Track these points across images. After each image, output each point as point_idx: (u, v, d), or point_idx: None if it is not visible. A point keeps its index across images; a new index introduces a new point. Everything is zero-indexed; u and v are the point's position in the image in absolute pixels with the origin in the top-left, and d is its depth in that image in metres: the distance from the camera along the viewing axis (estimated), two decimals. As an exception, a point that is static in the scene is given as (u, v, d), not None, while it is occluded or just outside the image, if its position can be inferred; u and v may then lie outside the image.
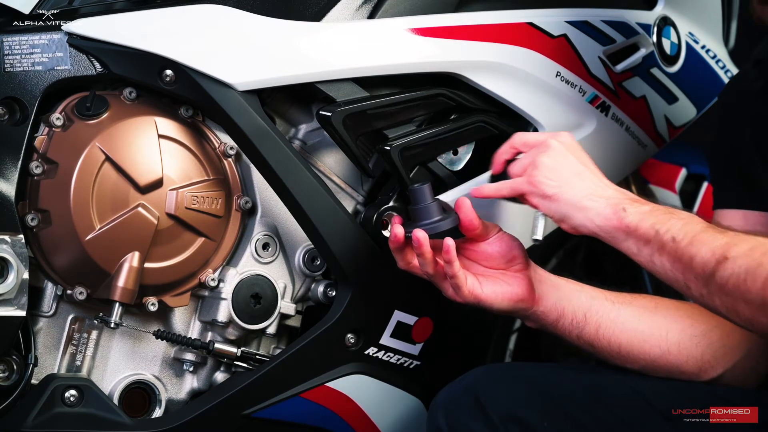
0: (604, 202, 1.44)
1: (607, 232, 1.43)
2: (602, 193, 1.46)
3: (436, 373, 1.74)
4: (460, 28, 1.71)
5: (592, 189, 1.47)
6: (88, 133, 1.57)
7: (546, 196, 1.48)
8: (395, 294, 1.71)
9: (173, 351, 1.68)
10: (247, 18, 1.60)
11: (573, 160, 1.50)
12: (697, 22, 2.02)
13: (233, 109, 1.59)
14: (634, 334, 1.55)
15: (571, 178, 1.48)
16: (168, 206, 1.60)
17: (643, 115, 1.92)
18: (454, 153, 1.74)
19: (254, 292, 1.66)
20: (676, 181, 2.22)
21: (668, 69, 1.94)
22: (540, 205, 1.50)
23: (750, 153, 1.61)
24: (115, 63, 1.58)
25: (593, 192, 1.46)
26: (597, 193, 1.46)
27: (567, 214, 1.47)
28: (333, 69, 1.64)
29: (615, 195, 1.45)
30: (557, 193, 1.47)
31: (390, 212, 1.69)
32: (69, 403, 1.58)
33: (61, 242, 1.57)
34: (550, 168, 1.49)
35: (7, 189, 1.54)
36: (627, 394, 1.48)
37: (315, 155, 1.72)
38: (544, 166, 1.49)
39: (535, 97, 1.76)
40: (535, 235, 1.55)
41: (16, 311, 1.54)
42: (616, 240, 1.43)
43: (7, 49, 1.56)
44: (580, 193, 1.46)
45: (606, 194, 1.46)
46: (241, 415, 1.64)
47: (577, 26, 1.80)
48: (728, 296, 1.32)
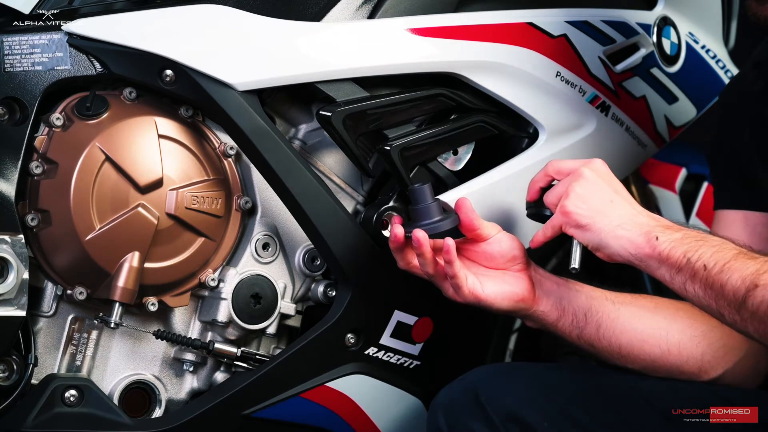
0: (637, 230, 1.43)
1: (641, 260, 1.42)
2: (635, 220, 1.45)
3: (436, 373, 1.74)
4: (459, 28, 1.71)
5: (624, 217, 1.45)
6: (88, 133, 1.57)
7: (580, 226, 1.47)
8: (395, 294, 1.71)
9: (173, 351, 1.68)
10: (247, 18, 1.60)
11: (605, 187, 1.49)
12: (697, 22, 2.02)
13: (233, 109, 1.59)
14: (635, 334, 1.55)
15: (603, 207, 1.47)
16: (168, 206, 1.60)
17: (643, 115, 1.91)
18: (454, 153, 1.74)
19: (254, 292, 1.66)
20: (676, 181, 2.22)
21: (668, 69, 1.94)
22: (575, 235, 1.48)
23: (750, 154, 1.62)
24: (115, 63, 1.58)
25: (626, 220, 1.45)
26: (630, 221, 1.45)
27: (601, 243, 1.45)
28: (333, 69, 1.64)
29: (647, 222, 1.44)
30: (590, 223, 1.46)
31: (390, 212, 1.69)
32: (69, 403, 1.58)
33: (61, 242, 1.57)
34: (582, 197, 1.48)
35: (7, 189, 1.53)
36: (627, 394, 1.48)
37: (315, 155, 1.72)
38: (576, 195, 1.48)
39: (535, 97, 1.76)
40: (573, 264, 1.51)
41: (16, 311, 1.54)
42: (650, 268, 1.42)
43: (7, 49, 1.56)
44: (614, 222, 1.45)
45: (639, 221, 1.45)
46: (241, 415, 1.64)
47: (577, 26, 1.80)
48: (761, 323, 1.32)
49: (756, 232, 1.62)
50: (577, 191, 1.48)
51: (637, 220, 1.45)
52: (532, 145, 1.78)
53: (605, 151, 1.86)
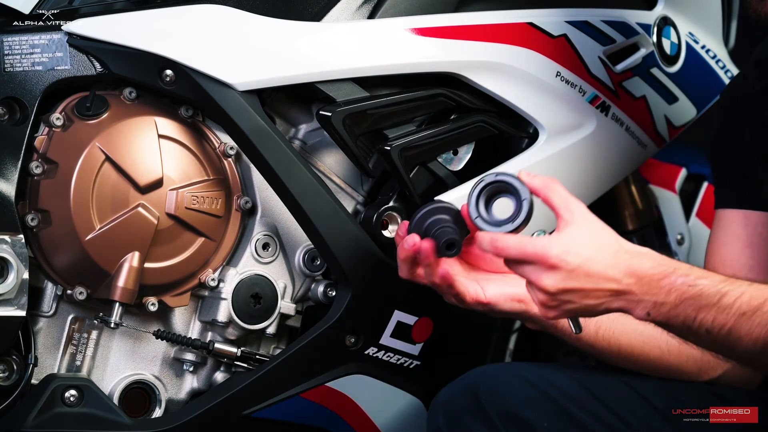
0: (626, 305, 1.35)
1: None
2: (620, 298, 1.35)
3: (436, 373, 1.74)
4: (460, 28, 1.71)
5: (606, 297, 1.36)
6: (88, 133, 1.57)
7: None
8: (395, 294, 1.71)
9: (173, 351, 1.68)
10: (247, 18, 1.60)
11: (580, 269, 1.35)
12: (697, 22, 2.02)
13: (233, 109, 1.59)
14: (634, 335, 1.55)
15: (583, 296, 1.36)
16: (168, 206, 1.60)
17: (643, 115, 1.91)
18: (454, 153, 1.74)
19: (254, 292, 1.66)
20: (676, 181, 2.22)
21: (668, 69, 1.94)
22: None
23: (750, 154, 1.62)
24: (115, 63, 1.58)
25: (608, 300, 1.36)
26: (614, 299, 1.36)
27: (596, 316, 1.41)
28: (333, 69, 1.64)
29: (639, 292, 1.34)
30: (576, 313, 1.38)
31: (390, 212, 1.69)
32: (69, 403, 1.58)
33: (61, 242, 1.57)
34: (557, 294, 1.36)
35: (7, 189, 1.54)
36: (627, 394, 1.48)
37: (315, 155, 1.72)
38: (548, 296, 1.36)
39: (535, 97, 1.76)
40: (575, 331, 1.43)
41: (16, 311, 1.54)
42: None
43: (7, 49, 1.56)
44: (600, 301, 1.36)
45: (624, 299, 1.35)
46: (241, 415, 1.64)
47: (577, 26, 1.80)
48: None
49: (756, 232, 1.62)
50: (548, 289, 1.35)
51: (620, 298, 1.35)
52: (532, 145, 1.78)
53: (605, 151, 1.86)
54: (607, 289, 1.34)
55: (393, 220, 1.70)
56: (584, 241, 1.35)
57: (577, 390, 1.46)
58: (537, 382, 1.47)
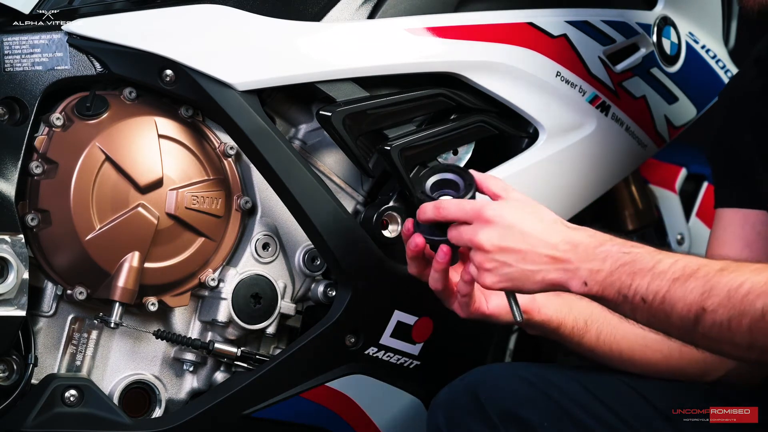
0: (563, 276, 1.36)
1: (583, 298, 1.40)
2: (556, 267, 1.36)
3: (436, 373, 1.74)
4: (459, 28, 1.71)
5: (543, 262, 1.36)
6: (88, 133, 1.57)
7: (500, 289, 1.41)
8: (395, 294, 1.71)
9: (173, 351, 1.68)
10: (247, 18, 1.60)
11: (516, 231, 1.37)
12: (697, 22, 2.02)
13: (233, 109, 1.59)
14: (636, 339, 1.55)
15: (519, 259, 1.37)
16: (168, 206, 1.60)
17: (643, 115, 1.91)
18: (454, 153, 1.74)
19: (254, 292, 1.66)
20: (676, 181, 2.22)
21: (668, 69, 1.94)
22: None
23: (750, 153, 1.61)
24: (115, 63, 1.58)
25: (545, 266, 1.36)
26: (551, 267, 1.36)
27: (530, 294, 1.42)
28: (333, 69, 1.64)
29: (568, 266, 1.35)
30: (508, 286, 1.39)
31: (390, 212, 1.69)
32: (69, 403, 1.58)
33: (61, 242, 1.57)
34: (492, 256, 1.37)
35: (7, 189, 1.54)
36: (627, 394, 1.48)
37: (315, 155, 1.72)
38: (486, 256, 1.37)
39: (535, 97, 1.76)
40: (517, 318, 1.43)
41: (16, 311, 1.54)
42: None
43: (7, 49, 1.56)
44: (536, 272, 1.36)
45: (560, 268, 1.36)
46: (241, 415, 1.64)
47: (577, 26, 1.80)
48: (713, 341, 1.29)
49: (755, 231, 1.62)
50: (484, 245, 1.36)
51: (557, 267, 1.36)
52: (532, 145, 1.78)
53: (605, 151, 1.86)
54: (545, 255, 1.35)
55: (393, 220, 1.70)
56: (522, 207, 1.38)
57: (578, 390, 1.46)
58: (537, 382, 1.47)
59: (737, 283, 1.27)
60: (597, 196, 1.90)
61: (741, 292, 1.26)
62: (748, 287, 1.26)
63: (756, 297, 1.25)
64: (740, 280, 1.27)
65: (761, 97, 1.60)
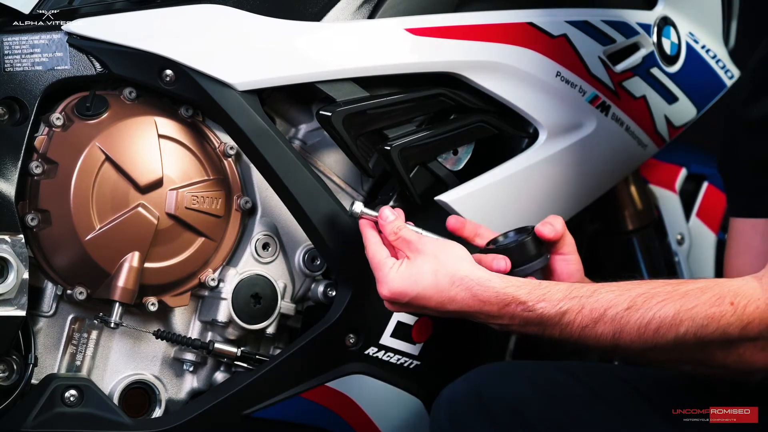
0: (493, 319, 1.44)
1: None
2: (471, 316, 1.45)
3: (437, 373, 1.74)
4: (460, 28, 1.71)
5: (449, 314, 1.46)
6: (88, 133, 1.57)
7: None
8: (395, 294, 1.70)
9: (173, 351, 1.68)
10: (247, 18, 1.60)
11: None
12: (697, 22, 2.02)
13: (233, 109, 1.59)
14: None
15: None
16: (168, 206, 1.60)
17: (643, 115, 1.91)
18: (454, 153, 1.74)
19: (254, 292, 1.66)
20: (676, 181, 2.22)
21: (668, 69, 1.94)
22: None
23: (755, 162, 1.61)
24: (115, 63, 1.58)
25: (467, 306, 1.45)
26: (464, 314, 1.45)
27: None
28: (333, 69, 1.64)
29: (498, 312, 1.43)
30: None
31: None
32: (69, 403, 1.58)
33: (61, 242, 1.57)
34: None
35: (7, 189, 1.54)
36: (627, 394, 1.48)
37: (315, 155, 1.72)
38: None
39: (535, 97, 1.76)
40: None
41: (16, 311, 1.54)
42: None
43: (7, 49, 1.56)
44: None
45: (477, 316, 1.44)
46: (241, 415, 1.64)
47: (577, 26, 1.80)
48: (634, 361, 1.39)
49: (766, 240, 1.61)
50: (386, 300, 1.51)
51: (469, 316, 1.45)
52: (532, 145, 1.78)
53: (605, 151, 1.86)
54: (452, 310, 1.45)
55: (393, 220, 1.70)
56: (425, 273, 1.46)
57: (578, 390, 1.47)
58: (539, 380, 1.47)
59: (646, 320, 1.33)
60: (597, 196, 1.90)
61: (651, 329, 1.33)
62: (657, 324, 1.32)
63: (666, 331, 1.32)
64: (648, 317, 1.33)
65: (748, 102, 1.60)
